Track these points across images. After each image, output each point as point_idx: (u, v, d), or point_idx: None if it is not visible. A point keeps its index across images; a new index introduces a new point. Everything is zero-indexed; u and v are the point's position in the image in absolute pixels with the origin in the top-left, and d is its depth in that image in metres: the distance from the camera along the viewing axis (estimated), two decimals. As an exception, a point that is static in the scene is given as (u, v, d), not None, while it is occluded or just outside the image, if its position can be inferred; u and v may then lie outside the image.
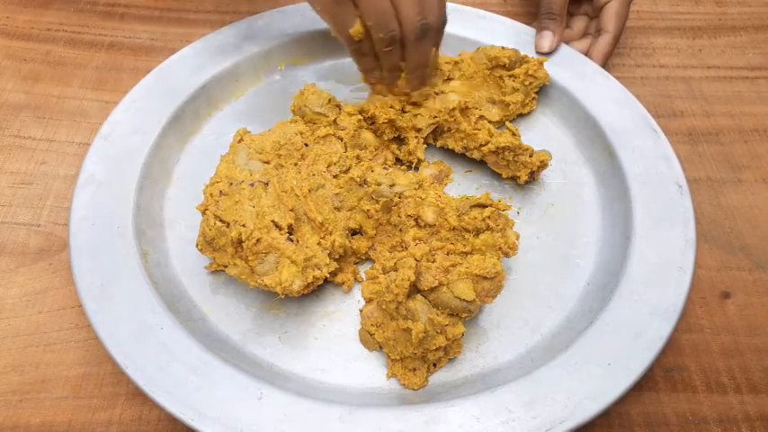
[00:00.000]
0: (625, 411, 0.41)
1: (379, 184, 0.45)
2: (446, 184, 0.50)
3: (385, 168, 0.47)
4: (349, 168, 0.46)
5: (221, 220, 0.41)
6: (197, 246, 0.41)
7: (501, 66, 0.53)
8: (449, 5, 0.58)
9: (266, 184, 0.43)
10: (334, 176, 0.45)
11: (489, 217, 0.42)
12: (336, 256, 0.42)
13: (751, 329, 0.45)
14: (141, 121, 0.49)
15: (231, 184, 0.42)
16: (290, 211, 0.42)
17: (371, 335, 0.41)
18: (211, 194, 0.42)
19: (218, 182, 0.43)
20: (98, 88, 0.57)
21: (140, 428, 0.39)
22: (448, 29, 0.48)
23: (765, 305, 0.46)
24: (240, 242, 0.39)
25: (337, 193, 0.44)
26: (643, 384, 0.42)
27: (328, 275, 0.41)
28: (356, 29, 0.44)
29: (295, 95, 0.51)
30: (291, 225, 0.41)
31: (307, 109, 0.50)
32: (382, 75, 0.49)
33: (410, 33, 0.45)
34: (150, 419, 0.40)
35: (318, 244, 0.41)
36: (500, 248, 0.42)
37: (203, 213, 0.41)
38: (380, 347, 0.41)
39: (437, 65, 0.52)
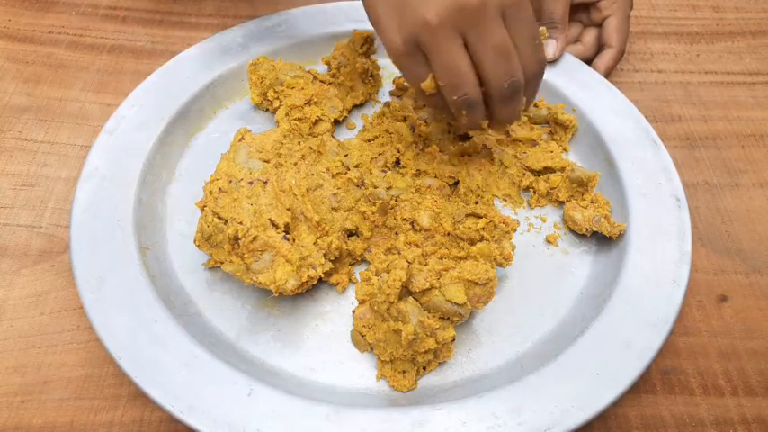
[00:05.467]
0: (623, 413, 0.41)
1: (376, 187, 0.45)
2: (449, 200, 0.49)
3: (383, 171, 0.47)
4: (348, 169, 0.46)
5: (219, 217, 0.41)
6: (195, 242, 0.42)
7: None
8: None
9: (265, 182, 0.43)
10: (333, 176, 0.46)
11: (484, 228, 0.42)
12: (332, 258, 0.42)
13: (747, 333, 0.45)
14: (146, 117, 0.49)
15: (230, 181, 0.43)
16: (288, 210, 0.42)
17: (363, 336, 0.41)
18: (210, 191, 0.42)
19: (217, 179, 0.43)
20: (100, 91, 0.57)
21: (141, 430, 0.39)
22: None
23: (762, 308, 0.46)
24: (237, 239, 0.39)
25: (335, 194, 0.45)
26: (641, 387, 0.42)
27: (323, 275, 0.41)
28: (427, 83, 0.40)
29: (251, 69, 0.52)
30: (288, 224, 0.41)
31: (285, 77, 0.51)
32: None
33: (497, 94, 0.40)
34: (152, 421, 0.40)
35: (315, 243, 0.42)
36: (494, 258, 0.42)
37: (202, 210, 0.42)
38: (372, 349, 0.41)
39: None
